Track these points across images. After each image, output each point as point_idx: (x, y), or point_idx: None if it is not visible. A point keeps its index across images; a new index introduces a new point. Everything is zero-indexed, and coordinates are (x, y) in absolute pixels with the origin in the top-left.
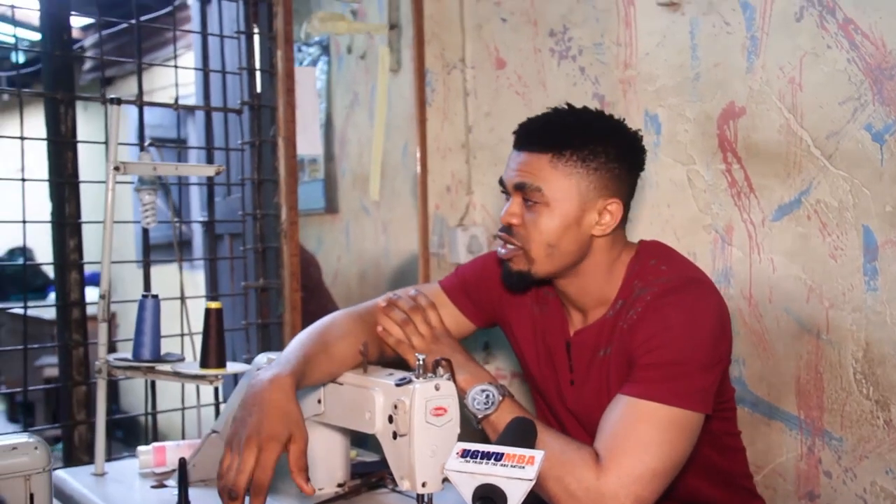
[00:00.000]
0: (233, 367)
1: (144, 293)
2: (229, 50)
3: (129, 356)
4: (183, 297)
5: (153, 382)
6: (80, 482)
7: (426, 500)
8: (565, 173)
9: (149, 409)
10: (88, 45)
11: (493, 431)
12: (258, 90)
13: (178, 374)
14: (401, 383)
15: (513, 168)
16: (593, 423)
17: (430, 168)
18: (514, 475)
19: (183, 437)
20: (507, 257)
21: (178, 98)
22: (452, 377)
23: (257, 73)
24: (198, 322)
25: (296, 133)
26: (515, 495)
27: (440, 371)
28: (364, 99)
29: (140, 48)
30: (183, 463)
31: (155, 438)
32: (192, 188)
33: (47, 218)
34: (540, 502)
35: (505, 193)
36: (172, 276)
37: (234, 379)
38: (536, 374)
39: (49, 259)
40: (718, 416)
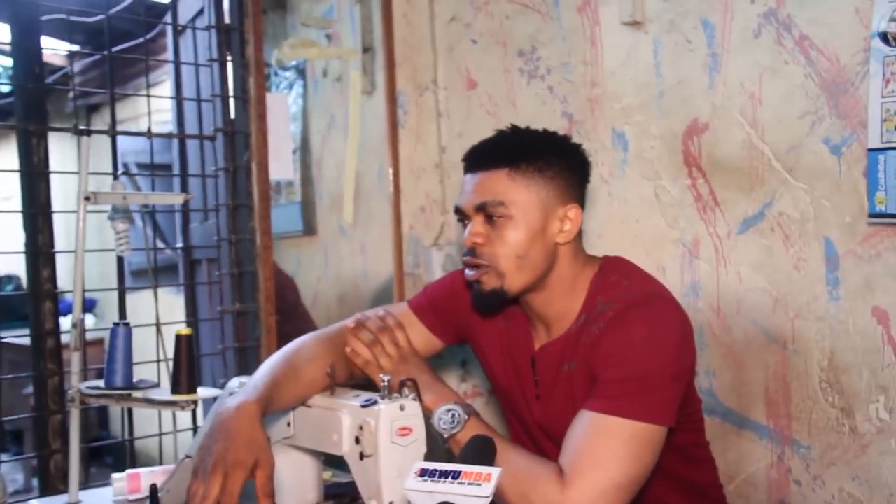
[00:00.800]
0: (204, 392)
1: (116, 322)
2: (204, 77)
3: (102, 384)
4: (158, 323)
5: (131, 409)
6: None
7: None
8: (524, 185)
9: (126, 436)
10: (76, 72)
11: (460, 450)
12: (232, 116)
13: (150, 401)
14: (366, 405)
15: (469, 191)
16: (560, 436)
17: (403, 189)
18: (471, 493)
19: (161, 463)
20: (476, 278)
21: (150, 127)
22: (418, 397)
23: (230, 100)
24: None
25: (268, 158)
26: None
27: (405, 391)
28: (340, 121)
29: (113, 78)
30: (154, 489)
31: (134, 464)
32: (177, 213)
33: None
34: None
35: (462, 221)
36: (159, 301)
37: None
38: (506, 389)
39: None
40: (685, 428)
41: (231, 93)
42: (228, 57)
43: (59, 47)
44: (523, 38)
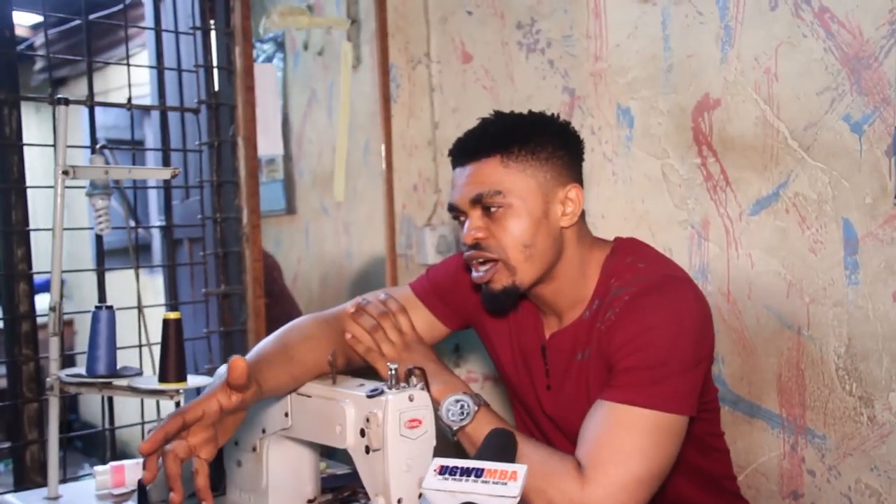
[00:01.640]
0: (194, 380)
1: (98, 304)
2: (184, 48)
3: (84, 371)
4: (140, 306)
5: (111, 398)
6: None
7: None
8: (519, 169)
9: (107, 425)
10: (38, 45)
11: (469, 443)
12: (216, 88)
13: (136, 390)
14: (372, 395)
15: (461, 185)
16: (572, 429)
17: (395, 166)
18: (497, 492)
19: None
20: (487, 278)
21: (131, 98)
22: (426, 387)
23: (215, 71)
24: (156, 331)
25: (256, 133)
26: None
27: (413, 381)
28: (322, 97)
29: (90, 45)
30: (142, 484)
31: (114, 455)
32: (150, 191)
33: None
34: None
35: (458, 219)
36: (131, 282)
37: (197, 392)
38: (513, 379)
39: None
40: (702, 418)
41: (215, 63)
42: (212, 25)
43: (25, 21)
44: (522, 10)
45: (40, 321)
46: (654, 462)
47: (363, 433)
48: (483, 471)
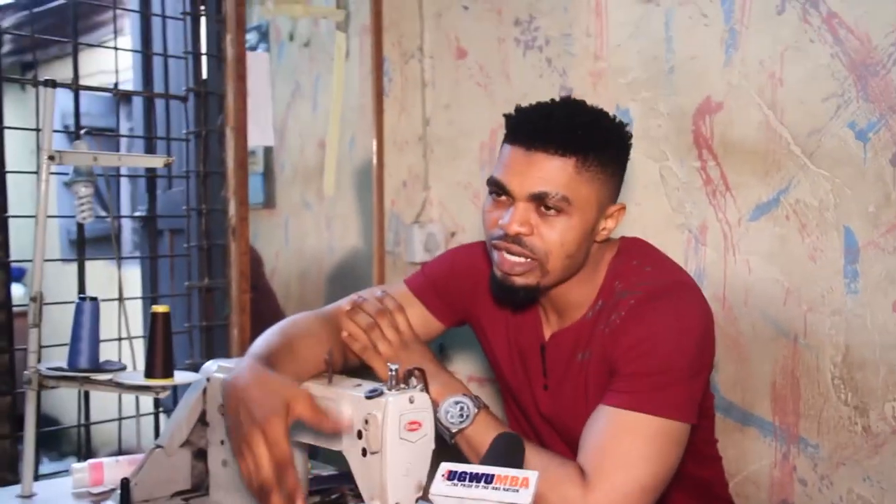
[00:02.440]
0: (181, 377)
1: (81, 295)
2: (172, 34)
3: (62, 364)
4: (121, 297)
5: (87, 392)
6: None
7: None
8: (588, 179)
9: (82, 421)
10: (7, 26)
11: (468, 447)
12: (203, 76)
13: (120, 386)
14: (371, 395)
15: (524, 171)
16: (568, 430)
17: (385, 162)
18: (508, 499)
19: (120, 451)
20: (519, 272)
21: (118, 83)
22: (426, 388)
23: (203, 58)
24: (135, 325)
25: (247, 123)
26: None
27: (413, 381)
28: (307, 89)
29: (76, 26)
30: (126, 483)
31: (89, 453)
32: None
33: None
34: None
35: (496, 195)
36: (99, 275)
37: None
38: (510, 377)
39: None
40: (699, 425)
41: (204, 50)
42: (202, 11)
43: None
44: (521, 6)
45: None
46: (658, 469)
47: (360, 435)
48: (493, 477)
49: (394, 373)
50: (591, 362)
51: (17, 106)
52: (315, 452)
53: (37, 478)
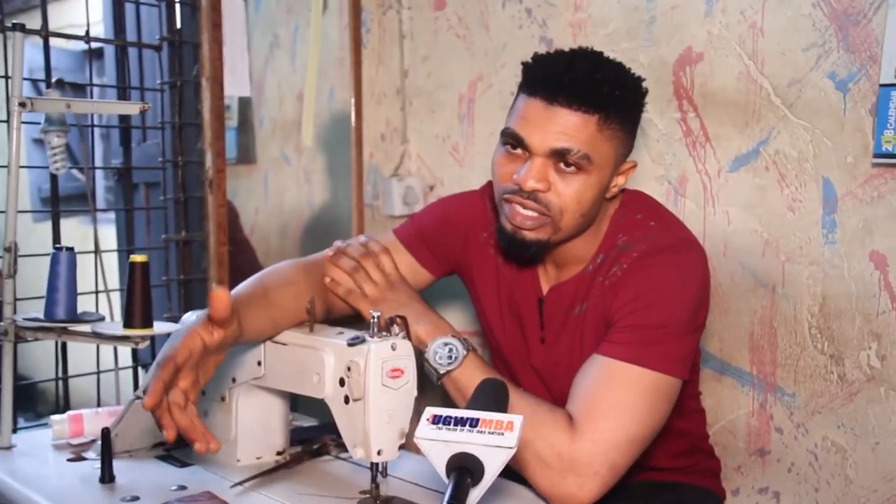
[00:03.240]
0: (160, 326)
1: (57, 245)
2: None
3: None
4: (98, 250)
5: (64, 345)
6: None
7: (381, 469)
8: (609, 137)
9: (59, 374)
10: None
11: (455, 389)
12: (178, 26)
13: (99, 336)
14: (353, 343)
15: (544, 126)
16: (558, 384)
17: (363, 115)
18: (493, 443)
19: (98, 404)
20: (529, 226)
21: (88, 30)
22: (408, 335)
23: (177, 6)
24: (112, 279)
25: (223, 73)
26: (493, 465)
27: (395, 329)
28: (286, 41)
29: None
30: (107, 433)
31: (67, 406)
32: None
33: None
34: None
35: (510, 147)
36: (72, 235)
37: (152, 341)
38: (497, 331)
39: None
40: (688, 379)
41: None
42: None
43: None
44: None
45: None
46: (648, 422)
47: (343, 382)
48: (478, 420)
49: (376, 320)
50: (587, 314)
51: None
52: (296, 404)
53: (15, 431)
